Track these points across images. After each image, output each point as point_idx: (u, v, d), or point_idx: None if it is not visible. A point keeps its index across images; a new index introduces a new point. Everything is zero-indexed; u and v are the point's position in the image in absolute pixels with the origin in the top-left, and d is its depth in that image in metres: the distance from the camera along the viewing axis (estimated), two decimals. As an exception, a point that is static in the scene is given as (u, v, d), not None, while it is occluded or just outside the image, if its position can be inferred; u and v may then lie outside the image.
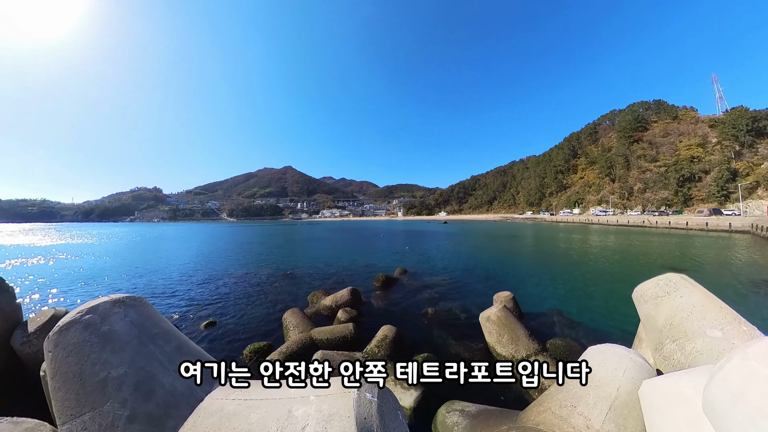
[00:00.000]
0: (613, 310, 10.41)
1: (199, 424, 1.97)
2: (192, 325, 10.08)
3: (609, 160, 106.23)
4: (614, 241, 32.05)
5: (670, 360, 3.49)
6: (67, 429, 2.12)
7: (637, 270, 16.83)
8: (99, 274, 19.32)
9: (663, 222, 49.67)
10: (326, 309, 10.79)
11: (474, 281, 15.76)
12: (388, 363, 6.06)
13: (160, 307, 11.85)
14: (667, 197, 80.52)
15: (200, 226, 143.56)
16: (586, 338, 7.91)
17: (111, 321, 2.53)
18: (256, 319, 10.58)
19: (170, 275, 18.56)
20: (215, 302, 12.62)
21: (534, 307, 10.61)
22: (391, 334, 7.47)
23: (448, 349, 7.86)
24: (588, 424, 3.04)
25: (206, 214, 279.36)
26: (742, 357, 1.86)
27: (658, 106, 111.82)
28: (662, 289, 4.08)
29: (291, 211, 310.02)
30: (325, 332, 7.89)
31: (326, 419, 1.67)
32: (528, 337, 6.59)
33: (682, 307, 3.71)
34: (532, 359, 5.86)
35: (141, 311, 2.84)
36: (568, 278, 15.52)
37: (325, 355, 6.16)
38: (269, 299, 13.01)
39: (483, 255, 25.28)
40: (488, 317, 7.18)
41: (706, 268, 17.07)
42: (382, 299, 12.45)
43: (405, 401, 5.11)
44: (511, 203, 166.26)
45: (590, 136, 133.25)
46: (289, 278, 17.19)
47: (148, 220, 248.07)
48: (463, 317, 10.10)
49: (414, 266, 19.95)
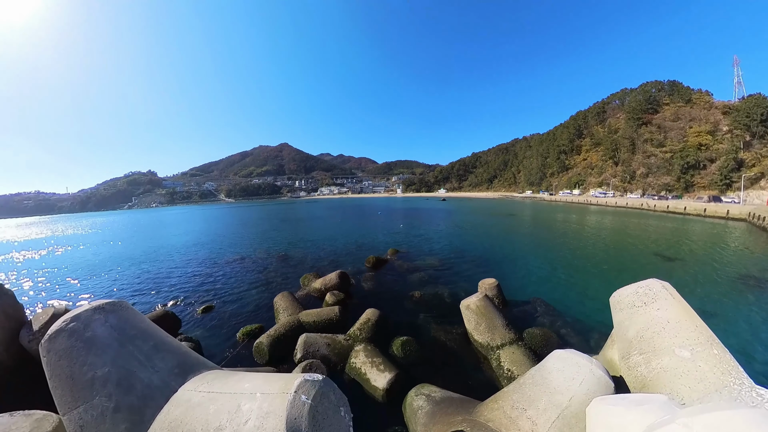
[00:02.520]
0: (596, 300, 10.75)
1: (171, 413, 2.37)
2: (190, 310, 10.62)
3: (614, 143, 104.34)
4: (610, 223, 32.33)
5: (634, 371, 3.50)
6: (68, 419, 2.56)
7: (626, 257, 17.14)
8: (107, 265, 19.50)
9: (661, 206, 49.80)
10: (316, 291, 11.25)
11: (465, 263, 16.15)
12: (368, 345, 6.53)
13: (160, 295, 12.55)
14: (669, 183, 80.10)
15: (199, 208, 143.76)
16: (565, 328, 8.28)
17: (93, 327, 2.85)
18: (250, 302, 11.10)
19: (171, 262, 19.11)
20: (213, 287, 13.22)
21: (519, 294, 11.03)
22: (374, 317, 7.89)
23: (429, 332, 8.31)
24: (534, 429, 3.13)
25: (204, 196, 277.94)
26: (684, 426, 1.85)
27: (672, 88, 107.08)
28: (640, 298, 4.01)
29: (289, 189, 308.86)
30: (312, 315, 8.32)
31: (264, 416, 1.97)
32: (505, 327, 6.97)
33: (656, 321, 3.64)
34: (505, 348, 6.33)
35: (120, 315, 3.16)
36: (557, 263, 15.89)
37: (308, 339, 6.57)
38: (263, 282, 13.53)
39: (477, 235, 25.64)
40: (468, 306, 7.55)
41: (696, 255, 17.36)
42: (371, 281, 12.91)
43: (378, 383, 5.53)
44: (512, 182, 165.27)
45: (597, 116, 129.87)
46: (284, 260, 17.67)
47: (146, 205, 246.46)
48: (448, 301, 10.52)
49: (407, 246, 20.40)
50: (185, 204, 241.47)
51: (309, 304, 10.23)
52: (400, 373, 5.78)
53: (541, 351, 6.72)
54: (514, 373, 5.68)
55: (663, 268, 14.87)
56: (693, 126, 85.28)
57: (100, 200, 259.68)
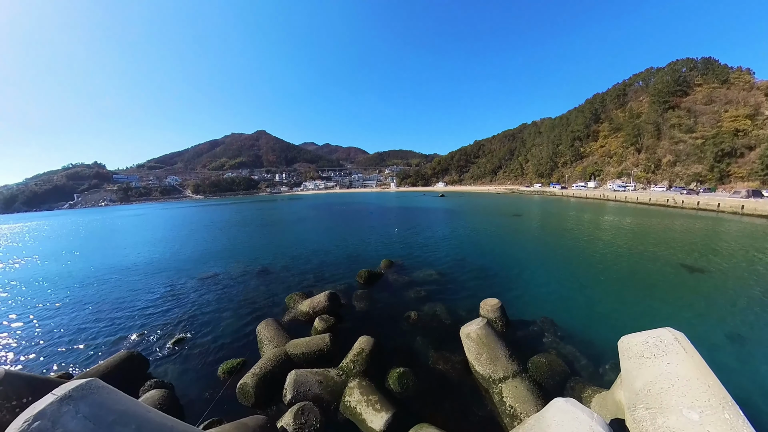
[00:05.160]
0: (609, 320, 11.33)
1: None
2: (158, 344, 10.59)
3: (637, 128, 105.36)
4: (629, 225, 32.90)
5: (639, 426, 3.82)
6: None
7: (646, 269, 17.18)
8: (38, 290, 17.87)
9: (690, 202, 50.29)
10: (303, 315, 11.67)
11: (465, 276, 16.69)
12: (362, 381, 6.96)
13: (118, 329, 12.12)
14: (701, 172, 79.91)
15: (160, 207, 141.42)
16: (574, 354, 8.82)
17: (63, 422, 2.79)
18: (228, 331, 11.30)
19: (128, 282, 18.41)
20: (182, 313, 13.16)
21: (524, 313, 11.59)
22: (368, 346, 8.33)
23: (428, 361, 8.83)
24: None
25: (166, 192, 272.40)
26: None
27: (706, 66, 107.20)
28: (650, 349, 4.24)
29: (268, 183, 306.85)
30: (300, 345, 8.72)
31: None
32: (507, 358, 7.48)
33: (665, 377, 3.85)
34: (508, 382, 6.83)
35: (93, 400, 3.14)
36: (566, 276, 16.42)
37: (298, 377, 6.97)
38: (242, 304, 13.76)
39: (478, 242, 26.25)
40: (468, 334, 8.04)
41: (732, 267, 16.83)
42: (363, 300, 13.35)
43: (375, 424, 5.98)
44: (518, 173, 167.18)
45: (617, 99, 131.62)
46: (265, 276, 17.96)
47: (94, 204, 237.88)
48: (447, 323, 11.06)
49: (402, 257, 20.93)
50: (143, 202, 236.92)
51: (296, 330, 10.66)
52: (397, 412, 6.24)
53: (546, 383, 7.27)
54: (516, 411, 6.18)
55: (689, 284, 14.74)
56: (729, 109, 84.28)
57: (30, 198, 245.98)
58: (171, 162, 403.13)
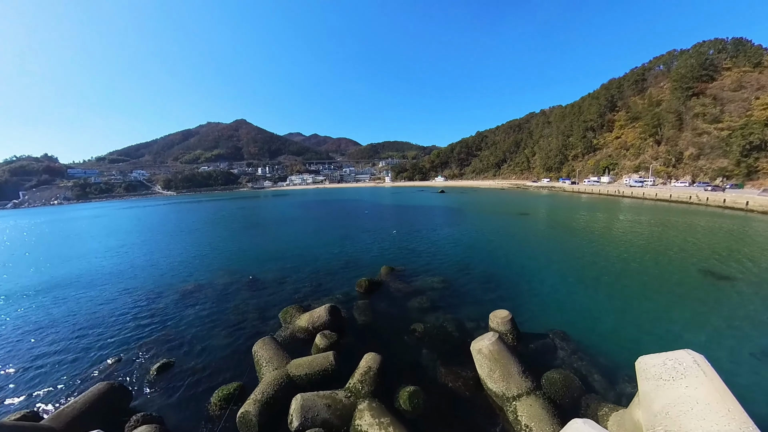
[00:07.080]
0: (625, 330, 11.89)
1: None
2: (141, 371, 10.19)
3: (656, 117, 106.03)
4: (647, 225, 33.54)
5: None
6: None
7: (664, 277, 17.58)
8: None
9: (716, 199, 50.89)
10: (302, 331, 12.04)
11: (470, 283, 17.27)
12: (372, 402, 7.38)
13: (90, 354, 11.59)
14: (726, 167, 79.88)
15: (126, 205, 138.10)
16: (588, 369, 9.36)
17: None
18: (219, 351, 11.40)
19: (95, 297, 17.68)
20: (166, 332, 12.89)
21: (535, 325, 12.15)
22: (375, 364, 8.77)
23: (437, 377, 9.35)
24: None
25: (132, 188, 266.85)
26: None
27: (737, 47, 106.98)
28: (668, 372, 4.57)
29: (250, 178, 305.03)
30: (303, 366, 9.11)
31: None
32: (521, 374, 8.00)
33: (684, 400, 4.13)
34: (522, 399, 7.34)
35: None
36: (578, 283, 16.99)
37: (304, 402, 7.37)
38: (233, 320, 13.94)
39: (482, 244, 26.85)
40: (480, 350, 8.55)
41: (762, 273, 17.07)
42: (365, 312, 13.82)
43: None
44: (524, 167, 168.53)
45: (636, 85, 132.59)
46: (254, 287, 18.21)
47: (44, 202, 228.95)
48: (456, 336, 11.60)
49: (402, 262, 21.48)
50: (105, 199, 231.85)
51: (296, 348, 11.02)
52: (409, 435, 6.70)
53: (561, 401, 7.80)
54: (533, 431, 6.69)
55: (713, 293, 15.05)
56: (761, 96, 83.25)
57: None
58: (137, 154, 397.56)
